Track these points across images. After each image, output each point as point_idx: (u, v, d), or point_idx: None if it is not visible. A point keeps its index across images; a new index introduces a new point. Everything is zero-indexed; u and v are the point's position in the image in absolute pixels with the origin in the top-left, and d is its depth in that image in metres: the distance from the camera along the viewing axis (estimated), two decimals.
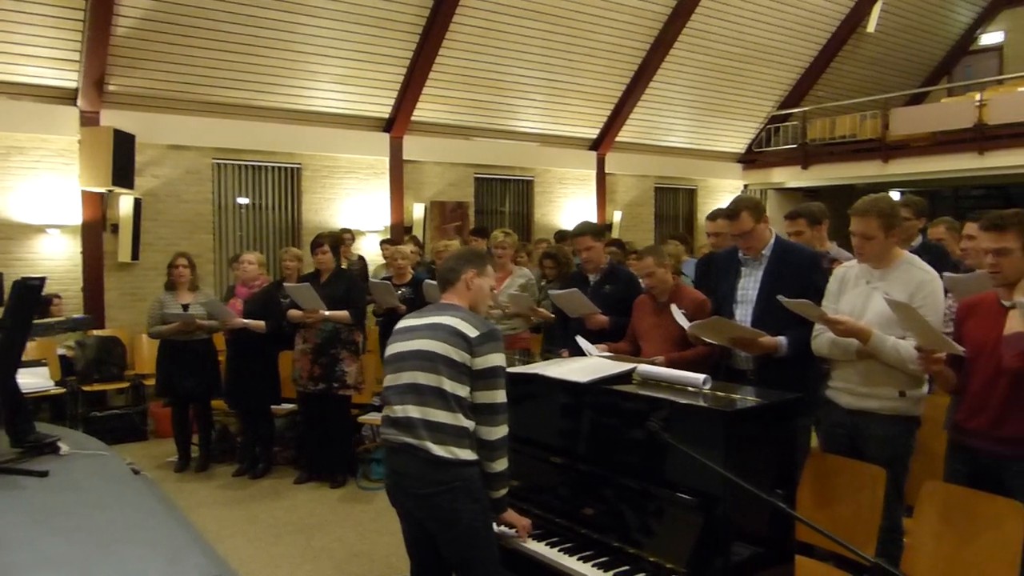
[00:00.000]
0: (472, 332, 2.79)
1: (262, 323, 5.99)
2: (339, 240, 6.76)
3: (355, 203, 10.27)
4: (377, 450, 6.28)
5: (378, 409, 6.41)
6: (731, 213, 3.87)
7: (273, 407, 6.42)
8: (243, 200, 9.61)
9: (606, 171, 12.67)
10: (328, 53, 9.32)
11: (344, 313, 5.81)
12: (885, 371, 3.34)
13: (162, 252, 8.44)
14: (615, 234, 11.98)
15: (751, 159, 14.43)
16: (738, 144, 14.29)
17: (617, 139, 12.48)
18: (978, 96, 11.86)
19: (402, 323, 3.02)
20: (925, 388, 3.41)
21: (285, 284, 6.15)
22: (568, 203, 12.35)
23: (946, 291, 3.68)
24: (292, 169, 9.86)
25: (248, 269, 6.24)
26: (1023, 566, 2.69)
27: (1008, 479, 2.93)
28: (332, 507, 5.55)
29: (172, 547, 2.07)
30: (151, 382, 6.86)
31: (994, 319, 3.03)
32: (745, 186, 14.48)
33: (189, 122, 8.95)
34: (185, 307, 6.19)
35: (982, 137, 11.37)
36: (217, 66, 8.82)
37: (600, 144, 12.44)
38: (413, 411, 2.78)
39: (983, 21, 15.07)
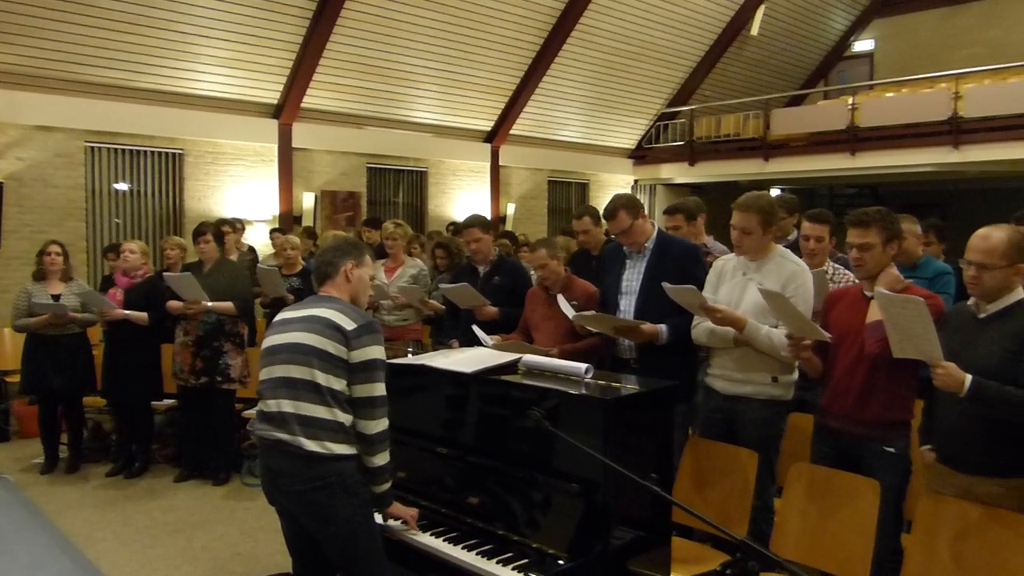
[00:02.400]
0: (349, 325, 2.73)
1: (145, 315, 5.72)
2: (223, 229, 6.52)
3: (241, 191, 9.93)
4: None
5: None
6: (609, 213, 3.99)
7: (153, 403, 6.14)
8: (121, 186, 9.13)
9: (500, 163, 12.73)
10: (212, 34, 8.95)
11: (228, 304, 5.62)
12: (759, 358, 3.50)
13: (28, 240, 7.93)
14: (509, 226, 12.06)
15: (641, 155, 14.81)
16: (629, 140, 14.63)
17: (511, 132, 12.55)
18: (850, 100, 12.56)
19: (280, 315, 2.95)
20: (796, 374, 3.60)
21: (165, 274, 5.89)
22: (462, 195, 12.34)
23: None
24: (174, 154, 9.43)
25: (130, 258, 5.93)
26: (877, 536, 2.88)
27: (867, 459, 3.12)
28: (214, 505, 5.37)
29: (34, 554, 1.95)
30: (15, 379, 6.43)
31: (857, 308, 3.22)
32: (635, 181, 14.86)
33: (58, 102, 8.41)
34: (56, 298, 5.83)
35: (854, 139, 12.04)
36: (90, 43, 8.32)
37: (494, 136, 12.49)
38: (286, 405, 2.71)
39: (856, 29, 15.95)
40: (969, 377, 2.63)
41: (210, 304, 5.55)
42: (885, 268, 3.18)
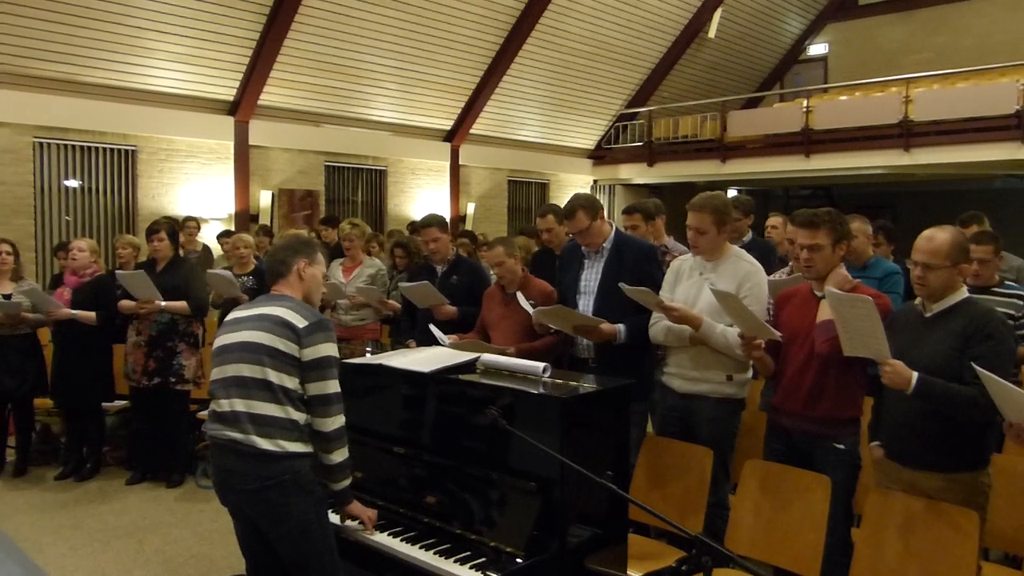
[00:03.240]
0: (300, 322, 2.72)
1: (92, 314, 5.59)
2: (177, 227, 6.40)
3: (197, 189, 9.78)
4: None
5: None
6: (567, 213, 4.00)
7: (104, 404, 6.01)
8: (72, 183, 8.92)
9: (460, 163, 12.72)
10: (165, 29, 8.80)
11: (182, 304, 5.52)
12: (714, 357, 3.55)
13: None
14: (469, 226, 12.06)
15: (600, 155, 14.91)
16: (588, 140, 14.72)
17: (471, 131, 12.55)
18: (805, 103, 12.79)
19: (232, 314, 2.92)
20: (750, 372, 3.65)
21: (117, 272, 5.77)
22: (422, 194, 12.31)
23: None
24: (126, 151, 9.25)
25: (79, 257, 5.78)
26: (828, 531, 2.94)
27: (818, 455, 3.19)
28: (168, 508, 5.27)
29: None
30: None
31: (807, 308, 3.28)
32: (595, 181, 14.95)
33: (5, 96, 8.21)
34: (7, 297, 5.67)
35: (808, 141, 12.28)
36: (38, 36, 8.12)
37: (454, 136, 12.47)
38: (239, 404, 2.69)
39: (811, 33, 16.26)
40: (916, 375, 2.70)
41: (164, 303, 5.45)
42: (835, 268, 3.24)
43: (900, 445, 2.94)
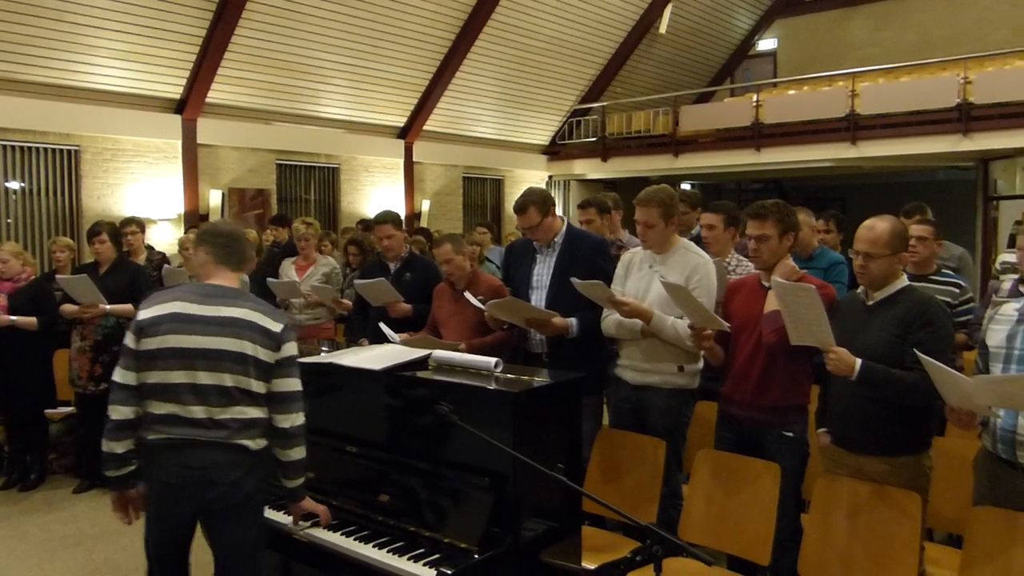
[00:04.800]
0: (276, 327, 2.74)
1: (33, 320, 5.43)
2: (126, 230, 6.25)
3: (144, 189, 9.55)
4: None
5: None
6: (519, 208, 4.01)
7: (48, 411, 5.85)
8: (13, 185, 8.66)
9: (414, 160, 12.64)
10: (107, 25, 8.57)
11: (128, 306, 5.38)
12: (666, 348, 3.58)
13: None
14: (424, 223, 12.00)
15: (555, 151, 14.95)
16: (542, 136, 14.74)
17: (425, 128, 12.48)
18: (755, 97, 12.97)
19: (178, 309, 2.71)
20: (701, 363, 3.69)
21: (58, 277, 5.61)
22: (376, 191, 12.21)
23: None
24: (69, 151, 9.00)
25: (5, 268, 5.56)
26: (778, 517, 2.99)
27: (767, 443, 3.24)
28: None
29: None
30: None
31: (756, 299, 3.33)
32: (550, 177, 14.98)
33: None
34: None
35: (759, 135, 12.44)
36: None
37: (408, 132, 12.39)
38: (218, 413, 2.65)
39: (760, 28, 16.49)
40: (859, 361, 2.76)
41: (108, 307, 5.32)
42: (782, 259, 3.30)
43: (845, 431, 3.00)
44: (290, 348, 2.76)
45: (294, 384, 2.75)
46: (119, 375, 2.72)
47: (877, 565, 2.75)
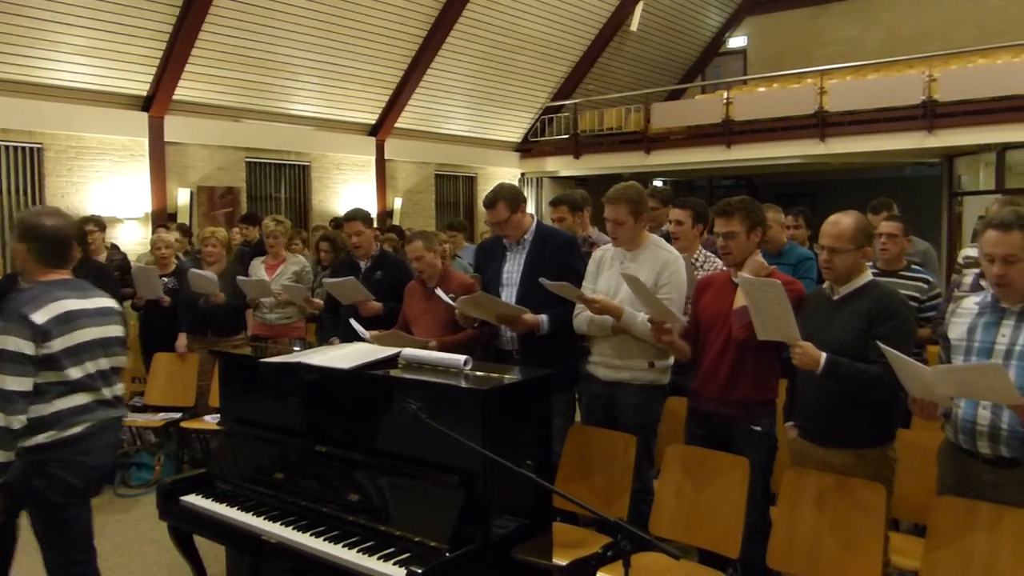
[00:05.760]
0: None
1: None
2: (87, 228, 6.15)
3: (109, 188, 9.40)
4: (138, 453, 5.82)
5: (139, 410, 5.96)
6: (488, 202, 4.00)
7: None
8: None
9: (386, 157, 12.57)
10: (70, 20, 8.42)
11: None
12: (636, 344, 3.60)
13: None
14: (396, 221, 11.95)
15: (527, 148, 14.95)
16: (515, 133, 14.74)
17: (396, 125, 12.42)
18: (725, 94, 13.06)
19: (76, 304, 2.96)
20: (671, 359, 3.71)
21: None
22: (347, 189, 12.13)
23: None
24: (32, 149, 8.84)
25: None
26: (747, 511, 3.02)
27: (736, 438, 3.27)
28: None
29: None
30: None
31: (725, 295, 3.36)
32: (522, 174, 14.98)
33: None
34: None
35: (729, 132, 12.53)
36: None
37: (379, 130, 12.32)
38: (119, 390, 3.10)
39: (730, 26, 16.61)
40: (824, 355, 2.80)
41: None
42: (751, 255, 3.32)
43: (812, 424, 3.04)
44: None
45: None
46: (16, 384, 2.76)
47: (844, 555, 2.78)
